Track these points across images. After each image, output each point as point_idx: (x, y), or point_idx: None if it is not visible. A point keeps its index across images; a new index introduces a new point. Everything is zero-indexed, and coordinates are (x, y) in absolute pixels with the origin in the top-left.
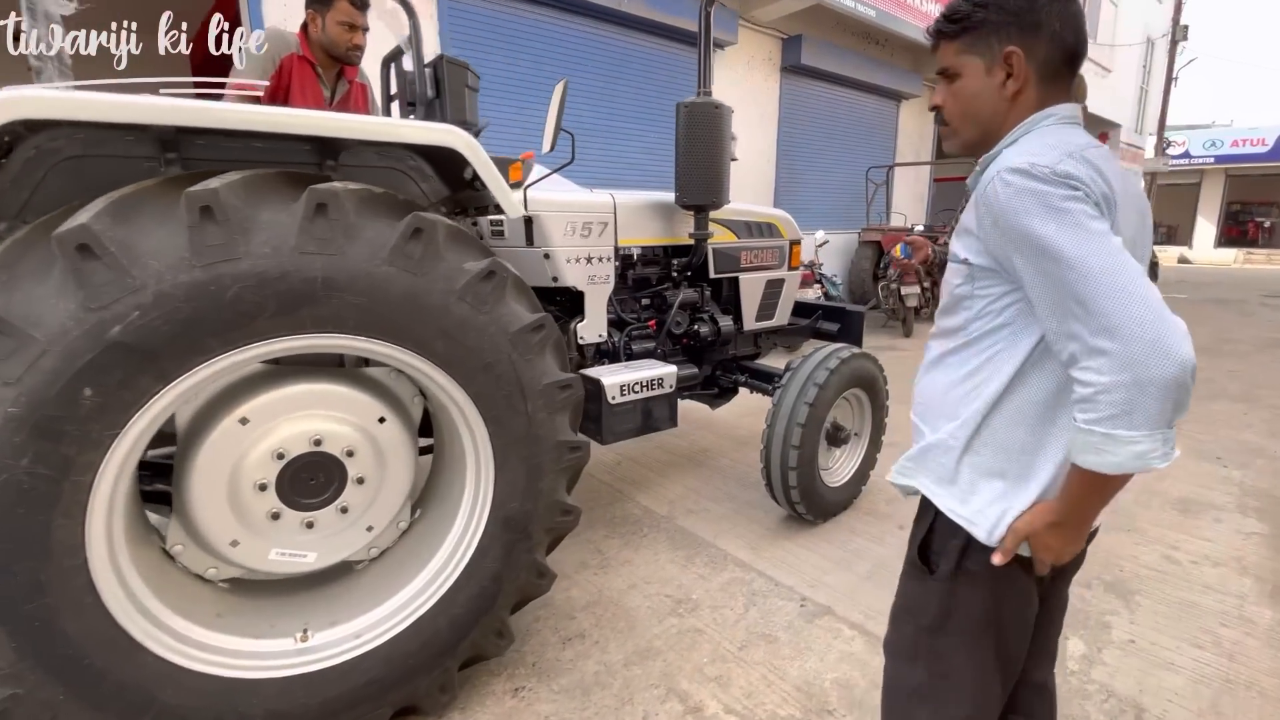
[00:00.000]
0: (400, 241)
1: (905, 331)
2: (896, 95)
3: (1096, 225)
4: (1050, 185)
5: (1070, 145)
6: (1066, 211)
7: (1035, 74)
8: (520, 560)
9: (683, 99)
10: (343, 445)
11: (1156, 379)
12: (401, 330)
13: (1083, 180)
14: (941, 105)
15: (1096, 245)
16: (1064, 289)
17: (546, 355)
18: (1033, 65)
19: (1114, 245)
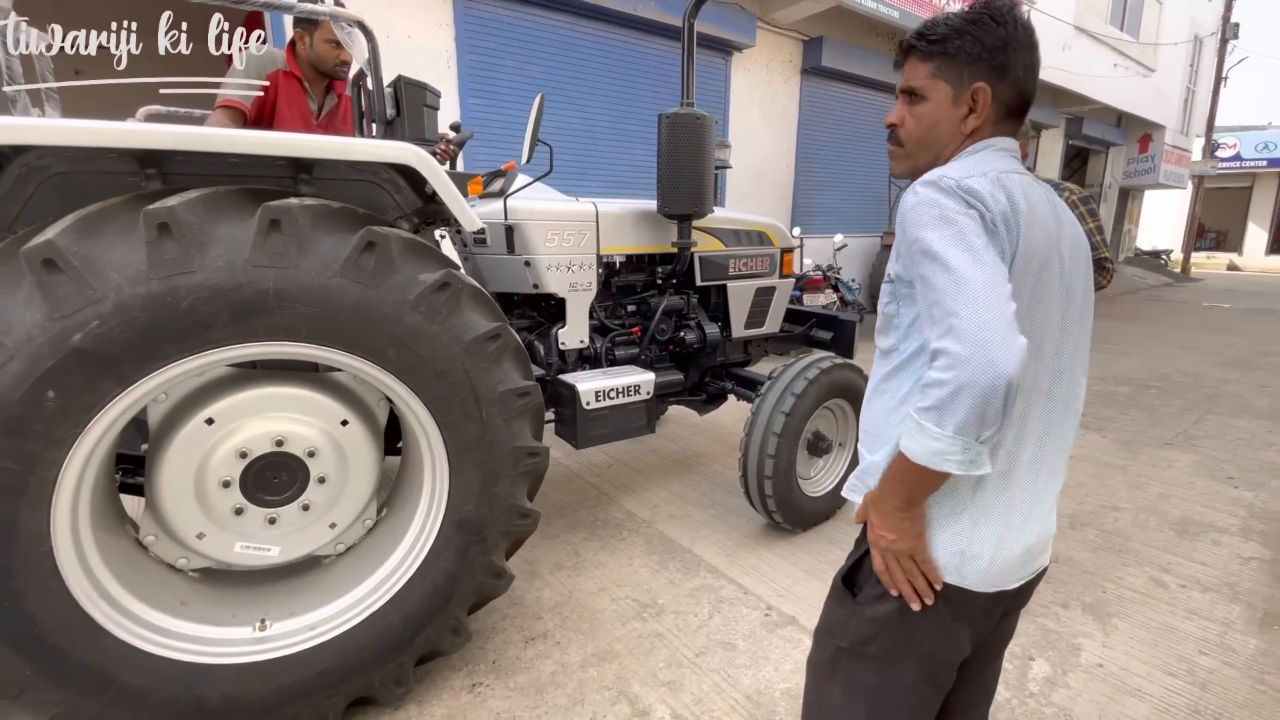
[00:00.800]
0: (352, 254)
1: None
2: None
3: (977, 240)
4: (948, 197)
5: (987, 167)
6: (953, 222)
7: (993, 114)
8: (475, 562)
9: (665, 110)
10: (305, 446)
11: (972, 384)
12: (353, 339)
13: (981, 196)
14: (898, 124)
15: (970, 256)
16: (932, 292)
17: (503, 363)
18: (994, 105)
19: (988, 259)
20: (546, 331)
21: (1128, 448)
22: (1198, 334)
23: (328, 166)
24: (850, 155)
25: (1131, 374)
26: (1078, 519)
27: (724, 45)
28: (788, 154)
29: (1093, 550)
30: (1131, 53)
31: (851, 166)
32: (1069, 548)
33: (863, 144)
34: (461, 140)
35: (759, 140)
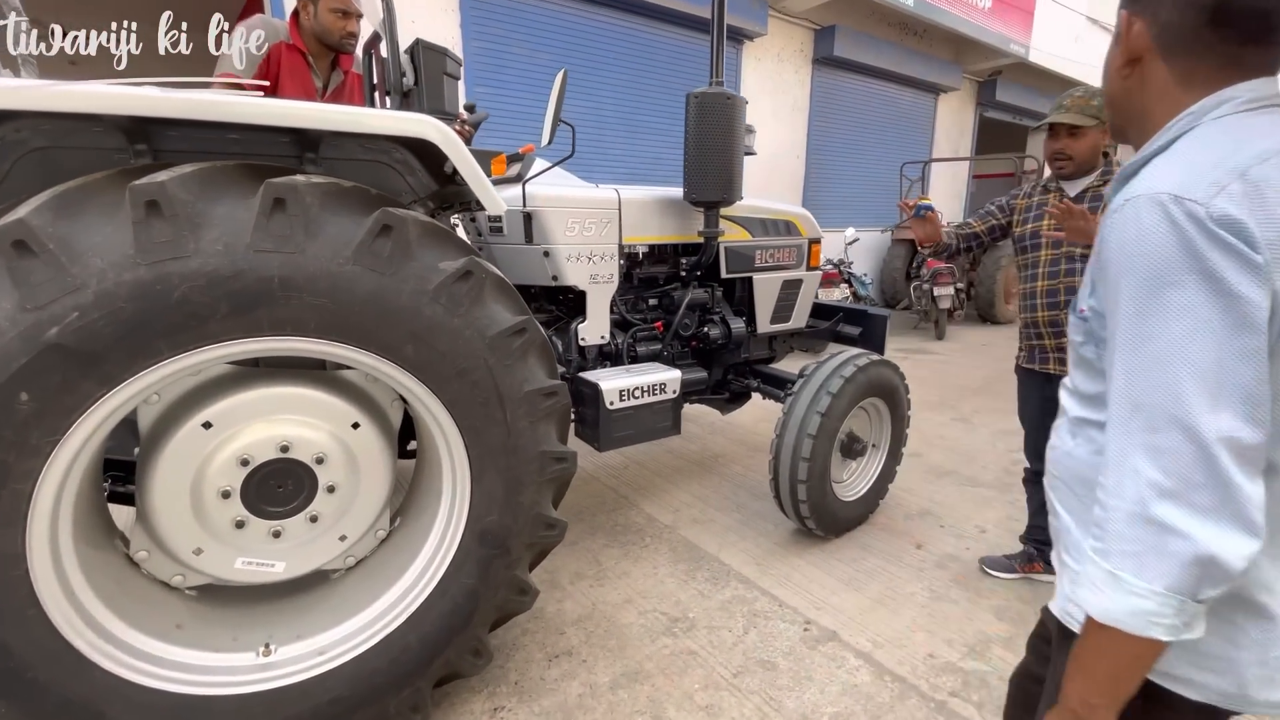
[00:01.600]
0: (366, 239)
1: (938, 334)
2: (934, 88)
3: (1231, 314)
4: (1190, 236)
5: (1239, 159)
6: (1192, 285)
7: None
8: (498, 576)
9: (692, 90)
10: (312, 452)
11: None
12: (367, 334)
13: (1241, 227)
14: None
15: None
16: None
17: (529, 361)
18: (1155, 33)
19: (1242, 347)
20: (566, 326)
21: None
22: None
23: (336, 144)
24: (861, 147)
25: None
26: None
27: (735, 33)
28: (798, 145)
29: None
30: None
31: (862, 159)
32: None
33: (874, 136)
34: (477, 121)
35: (770, 131)
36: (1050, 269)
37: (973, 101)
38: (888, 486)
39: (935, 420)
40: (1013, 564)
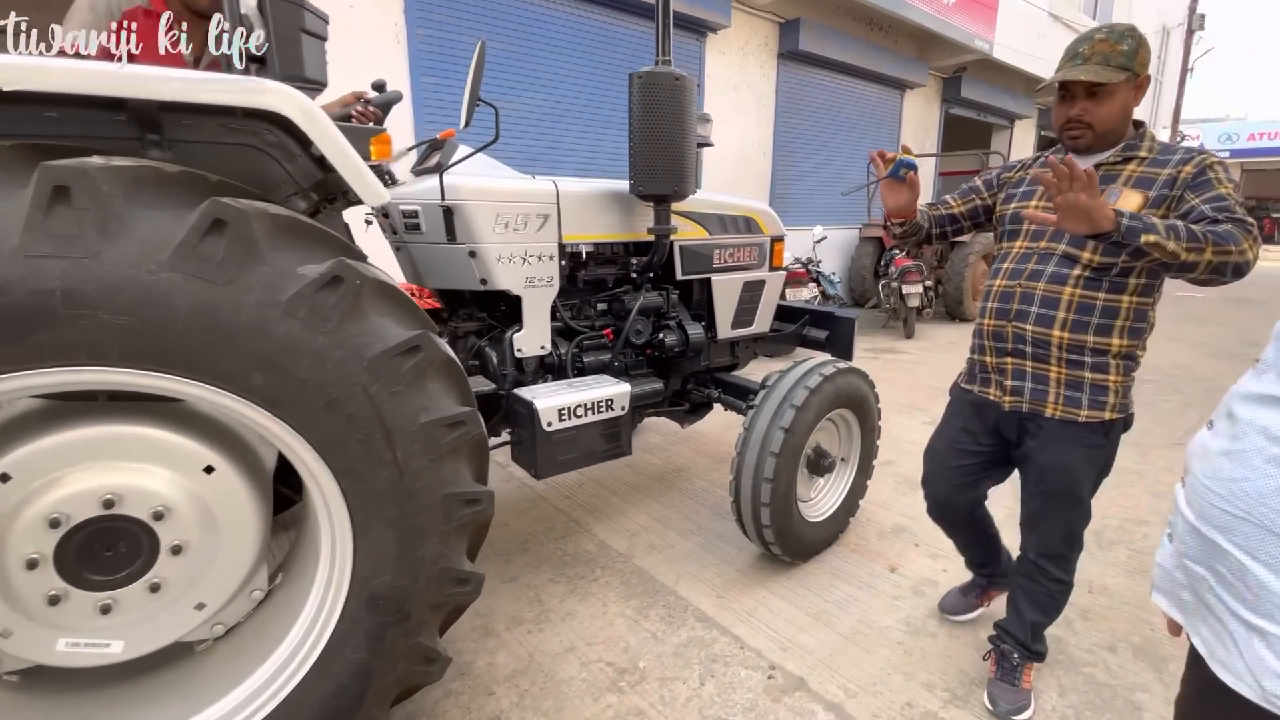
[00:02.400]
0: (190, 238)
1: (907, 333)
2: (901, 84)
3: None
4: None
5: None
6: None
7: None
8: (395, 647)
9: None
10: (149, 506)
11: None
12: (194, 360)
13: None
14: None
15: None
16: None
17: (426, 385)
18: None
19: None
20: (500, 336)
21: (1138, 449)
22: (1179, 324)
23: (190, 124)
24: (828, 144)
25: None
26: (1104, 535)
27: (697, 25)
28: (765, 142)
29: (1128, 575)
30: None
31: (831, 156)
32: (1101, 573)
33: (841, 132)
34: (386, 102)
35: (736, 127)
36: (1016, 265)
37: (938, 98)
38: (858, 503)
39: (905, 424)
40: (970, 600)
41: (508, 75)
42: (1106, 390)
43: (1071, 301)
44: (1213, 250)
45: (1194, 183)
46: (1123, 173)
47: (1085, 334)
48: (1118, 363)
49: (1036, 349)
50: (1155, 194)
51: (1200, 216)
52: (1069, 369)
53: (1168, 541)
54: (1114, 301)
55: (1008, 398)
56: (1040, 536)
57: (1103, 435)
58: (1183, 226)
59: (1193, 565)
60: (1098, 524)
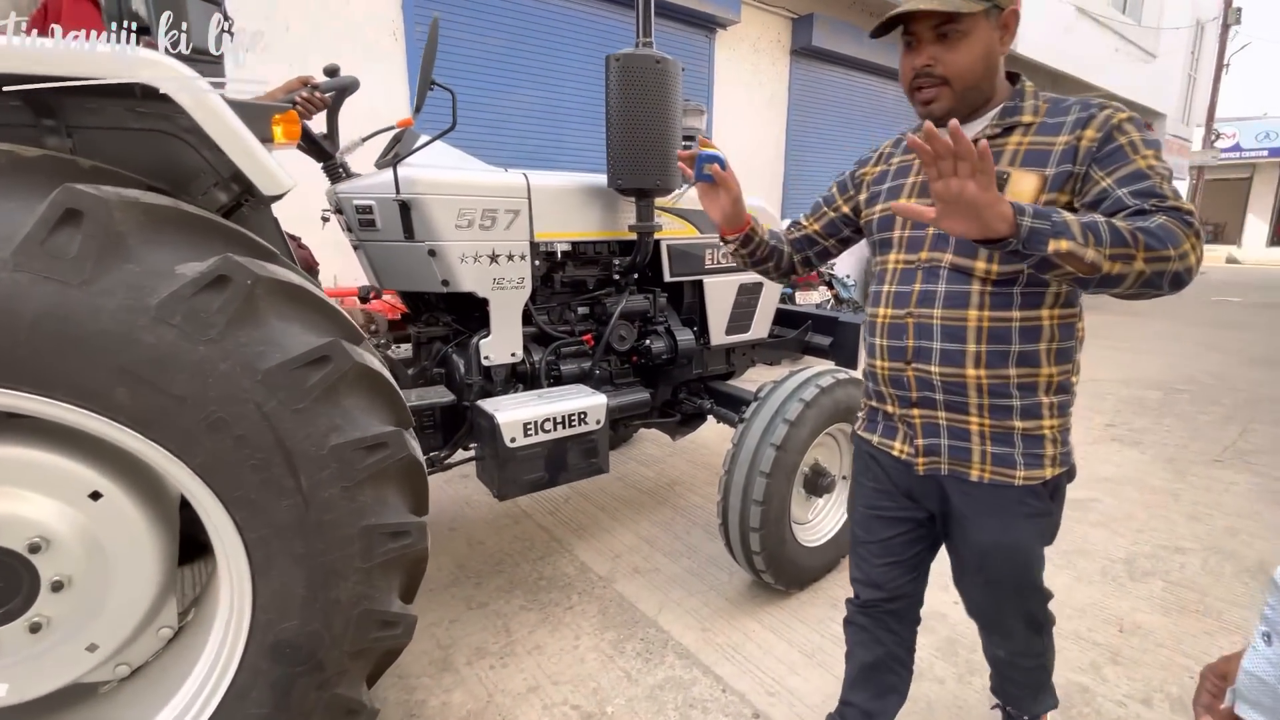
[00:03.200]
0: (36, 232)
1: None
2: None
3: None
4: None
5: None
6: None
7: None
8: (307, 700)
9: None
10: (24, 536)
11: None
12: (45, 374)
13: None
14: None
15: None
16: None
17: (340, 401)
18: None
19: None
20: (467, 342)
21: (1173, 466)
22: (1214, 331)
23: (92, 108)
24: (844, 142)
25: (1157, 376)
26: (1136, 565)
27: (707, 20)
28: (778, 141)
29: (1163, 611)
30: (1133, 37)
31: (845, 154)
32: (1133, 608)
33: (857, 131)
34: (339, 86)
35: (747, 125)
36: (898, 287)
37: None
38: None
39: None
40: None
41: (508, 71)
42: (1042, 440)
43: (981, 329)
44: (1145, 257)
45: (1100, 153)
46: (1006, 147)
47: (1006, 367)
48: (1051, 400)
49: (949, 395)
50: (1054, 172)
51: (1118, 206)
52: (993, 417)
53: (1263, 643)
54: (1032, 319)
55: (921, 459)
56: (1001, 635)
57: (1047, 498)
58: (1103, 224)
59: None
60: (1127, 552)
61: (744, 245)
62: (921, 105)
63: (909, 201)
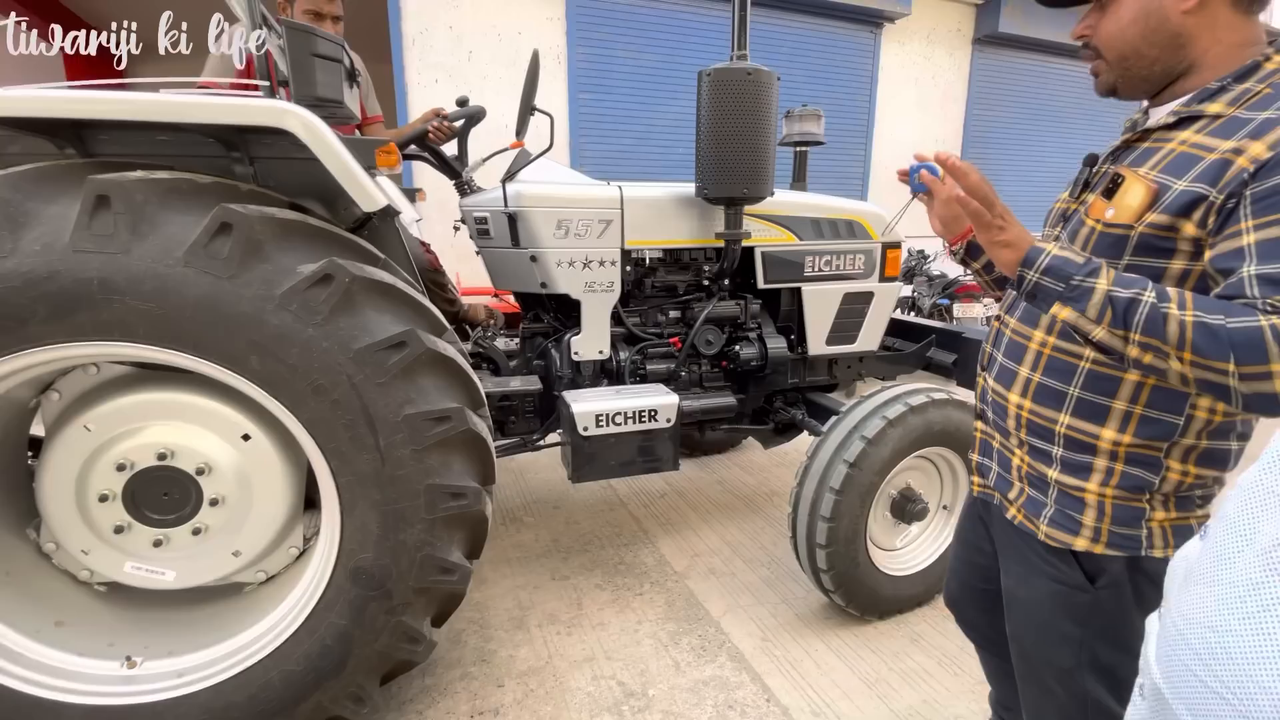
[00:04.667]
0: (201, 239)
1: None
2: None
3: None
4: None
5: None
6: None
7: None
8: (377, 622)
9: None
10: (194, 462)
11: None
12: (202, 341)
13: None
14: None
15: None
16: None
17: (416, 380)
18: None
19: None
20: (562, 338)
21: None
22: None
23: (267, 143)
24: (1034, 137)
25: None
26: None
27: (871, 16)
28: (952, 139)
29: None
30: None
31: (1036, 151)
32: None
33: (1050, 123)
34: (467, 115)
35: (915, 124)
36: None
37: None
38: None
39: None
40: None
41: (659, 86)
42: (1082, 505)
43: (1041, 354)
44: (1190, 360)
45: (1260, 186)
46: (1167, 144)
47: (1057, 411)
48: (1112, 468)
49: (996, 416)
50: (1181, 188)
51: (1236, 291)
52: (1031, 458)
53: (1139, 697)
54: (1110, 370)
55: (975, 478)
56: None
57: (1079, 572)
58: (1147, 302)
59: None
60: None
61: (971, 255)
62: (1091, 76)
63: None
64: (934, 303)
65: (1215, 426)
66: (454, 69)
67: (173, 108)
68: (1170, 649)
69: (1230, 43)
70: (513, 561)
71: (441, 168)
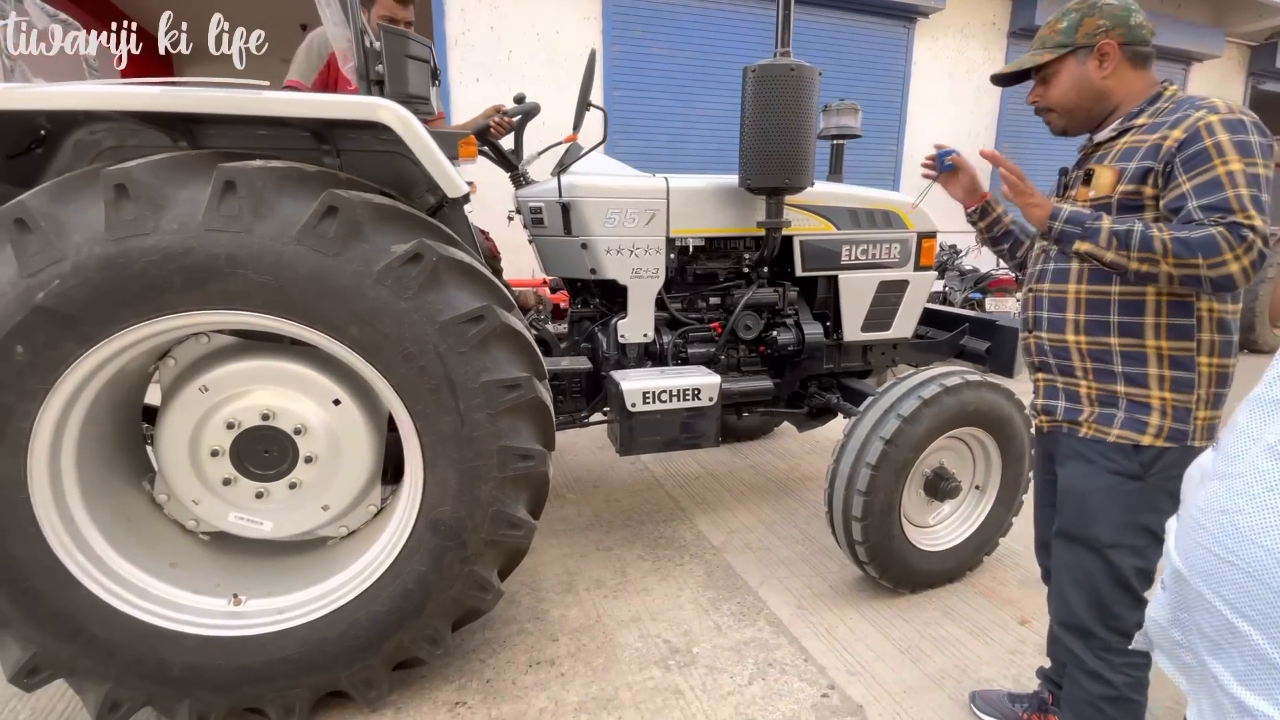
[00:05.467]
0: (311, 220)
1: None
2: (1186, 57)
3: None
4: None
5: None
6: None
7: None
8: (453, 570)
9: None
10: (292, 423)
11: None
12: (310, 311)
13: None
14: None
15: None
16: None
17: (490, 350)
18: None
19: None
20: (609, 322)
21: None
22: None
23: (352, 137)
24: None
25: None
26: None
27: (904, 11)
28: (986, 132)
29: None
30: None
31: (1072, 145)
32: None
33: None
34: (524, 111)
35: (946, 119)
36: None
37: (1242, 72)
38: (997, 540)
39: None
40: (1017, 710)
41: (695, 82)
42: (1148, 408)
43: (1079, 299)
44: (1173, 263)
45: (1183, 155)
46: (1115, 146)
47: (1107, 336)
48: (1162, 374)
49: (1059, 360)
50: (1134, 167)
51: (1187, 218)
52: (1098, 381)
53: (1161, 590)
54: (1134, 295)
55: (1042, 417)
56: (1058, 598)
57: (1137, 464)
58: (1138, 231)
59: (1187, 621)
60: None
61: (982, 217)
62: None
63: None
64: (965, 297)
65: (1217, 319)
66: (494, 68)
67: (289, 104)
68: (1188, 535)
69: (1137, 89)
70: (559, 534)
71: (499, 161)
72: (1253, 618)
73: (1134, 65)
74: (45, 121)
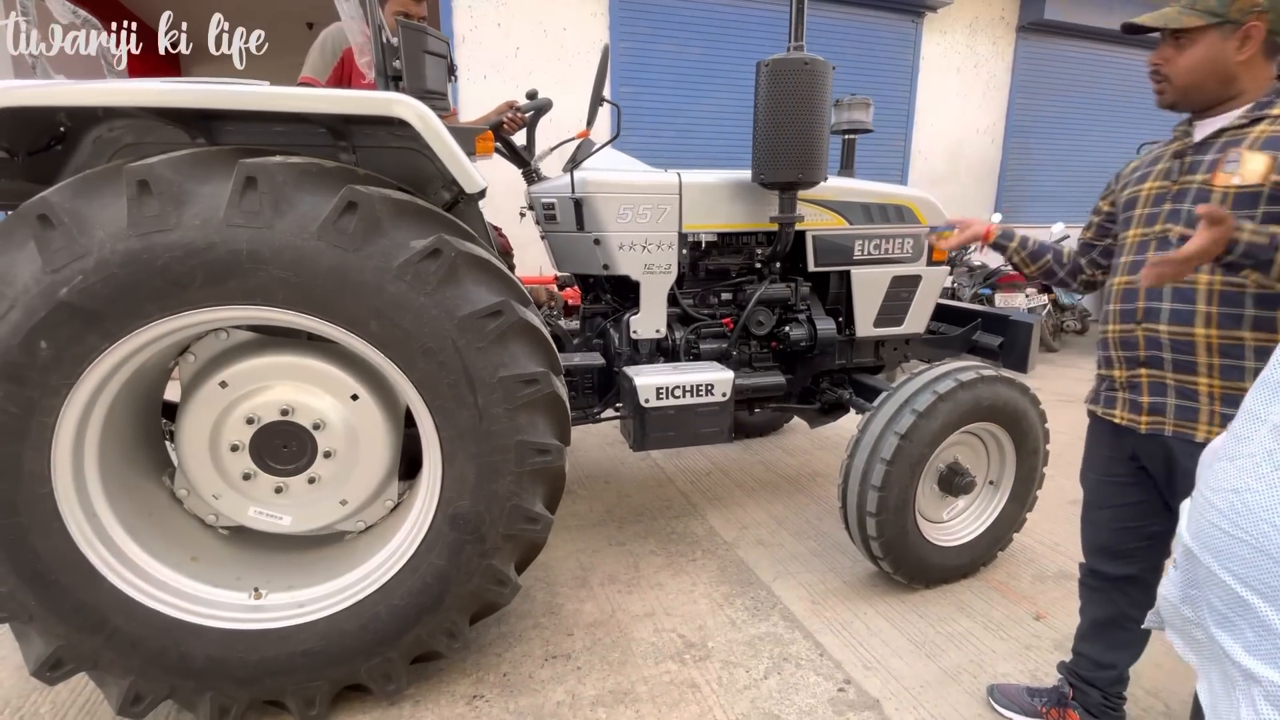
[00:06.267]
0: (331, 215)
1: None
2: None
3: None
4: None
5: None
6: None
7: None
8: (471, 564)
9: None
10: (311, 418)
11: None
12: (330, 307)
13: None
14: None
15: None
16: None
17: (508, 345)
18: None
19: None
20: (621, 318)
21: None
22: None
23: (368, 133)
24: (1080, 126)
25: None
26: None
27: (913, 5)
28: (994, 128)
29: None
30: None
31: (1082, 139)
32: None
33: (1098, 112)
34: (537, 107)
35: (956, 114)
36: (1134, 256)
37: None
38: (1011, 535)
39: None
40: (1035, 704)
41: (702, 78)
42: None
43: (1212, 290)
44: None
45: None
46: (1249, 134)
47: (1240, 329)
48: None
49: (1177, 355)
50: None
51: None
52: (1224, 379)
53: (1173, 568)
54: (1268, 289)
55: (1144, 418)
56: None
57: None
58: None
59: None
60: None
61: (1000, 251)
62: (1155, 92)
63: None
64: (975, 292)
65: None
66: (501, 65)
67: (310, 99)
68: (1199, 514)
69: (1263, 78)
70: (571, 529)
71: (511, 157)
72: (1261, 590)
73: (1267, 55)
74: (65, 118)
